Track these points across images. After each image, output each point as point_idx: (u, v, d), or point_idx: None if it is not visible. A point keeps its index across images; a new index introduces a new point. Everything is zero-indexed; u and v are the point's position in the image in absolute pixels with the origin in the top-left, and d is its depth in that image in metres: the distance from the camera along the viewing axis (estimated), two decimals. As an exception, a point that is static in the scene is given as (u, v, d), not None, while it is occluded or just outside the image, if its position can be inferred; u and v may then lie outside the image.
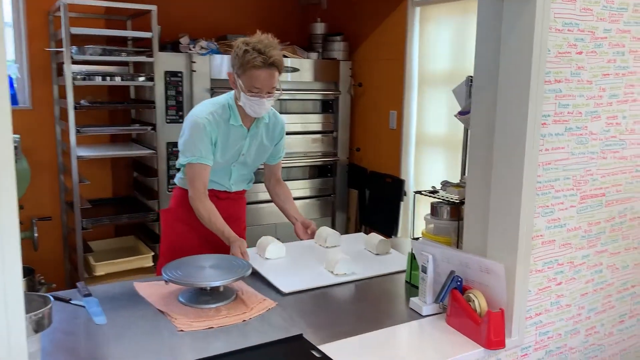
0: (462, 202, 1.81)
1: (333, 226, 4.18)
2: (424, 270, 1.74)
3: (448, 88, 3.40)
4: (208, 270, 1.82)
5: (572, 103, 1.58)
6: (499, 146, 1.58)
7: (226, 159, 2.20)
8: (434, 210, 1.91)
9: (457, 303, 1.63)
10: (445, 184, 1.99)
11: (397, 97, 3.74)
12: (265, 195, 3.86)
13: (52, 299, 1.40)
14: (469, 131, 2.46)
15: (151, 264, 3.37)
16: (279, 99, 3.88)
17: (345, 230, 4.22)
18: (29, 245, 3.38)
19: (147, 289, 1.90)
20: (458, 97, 2.39)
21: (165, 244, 2.34)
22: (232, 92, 2.19)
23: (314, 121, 4.05)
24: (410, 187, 3.72)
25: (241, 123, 2.17)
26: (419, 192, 1.95)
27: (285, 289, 1.85)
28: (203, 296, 1.79)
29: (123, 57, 3.36)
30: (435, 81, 3.52)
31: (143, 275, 3.36)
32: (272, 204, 3.90)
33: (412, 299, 1.78)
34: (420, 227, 2.02)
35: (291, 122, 3.92)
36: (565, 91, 1.56)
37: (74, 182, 3.12)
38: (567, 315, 1.73)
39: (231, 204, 2.32)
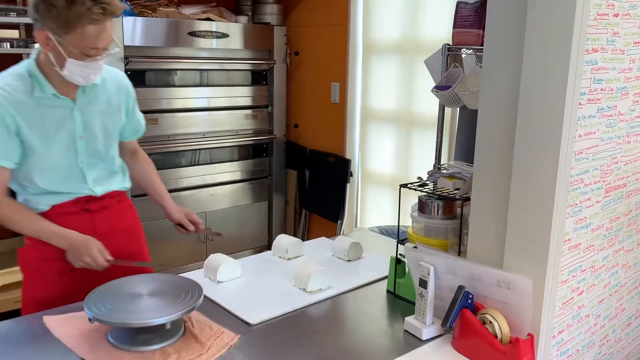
0: (465, 198, 1.49)
1: (270, 211, 3.80)
2: (423, 285, 1.42)
3: (397, 57, 3.09)
4: (146, 301, 1.39)
5: (606, 78, 1.29)
6: (525, 133, 1.26)
7: (59, 151, 1.58)
8: (424, 206, 1.59)
9: (471, 326, 1.32)
10: (434, 174, 1.66)
11: (340, 67, 3.37)
12: (188, 181, 3.43)
13: None
14: (445, 108, 2.15)
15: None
16: (201, 69, 3.40)
17: (284, 215, 3.85)
18: None
19: (62, 326, 1.43)
20: (432, 69, 2.06)
21: (28, 295, 1.71)
22: (32, 56, 1.57)
23: (245, 94, 3.59)
24: (356, 167, 3.40)
25: (54, 92, 1.54)
26: (405, 186, 1.61)
27: (252, 319, 1.46)
28: (142, 334, 1.36)
29: (12, 18, 2.72)
30: (382, 50, 3.18)
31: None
32: (199, 190, 3.48)
33: (407, 319, 1.46)
34: (402, 223, 1.69)
35: (217, 95, 3.45)
36: (600, 63, 1.26)
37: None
38: (586, 327, 1.49)
39: (109, 215, 1.72)
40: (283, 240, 1.91)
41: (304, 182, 3.72)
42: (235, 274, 1.72)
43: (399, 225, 1.65)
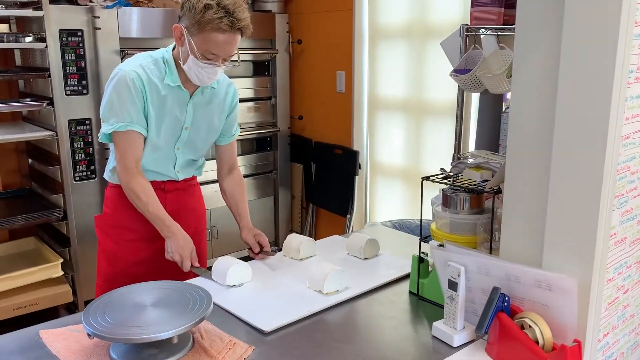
0: (496, 190, 1.36)
1: (276, 207, 3.67)
2: (453, 287, 1.30)
3: (406, 42, 2.95)
4: (150, 312, 1.26)
5: (654, 53, 1.16)
6: (566, 117, 1.13)
7: (165, 135, 1.71)
8: (448, 200, 1.46)
9: (509, 331, 1.20)
10: (458, 165, 1.53)
11: (345, 55, 3.23)
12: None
13: None
14: (465, 94, 2.02)
15: (60, 273, 2.70)
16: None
17: (291, 210, 3.72)
18: None
19: (59, 340, 1.31)
20: (449, 52, 1.94)
21: (102, 259, 1.83)
22: (170, 46, 1.73)
23: (247, 86, 3.46)
24: (365, 159, 3.27)
25: (180, 84, 1.69)
26: (428, 178, 1.48)
27: (266, 326, 1.34)
28: (147, 349, 1.24)
29: (1, 11, 2.59)
30: (389, 35, 3.04)
31: (51, 289, 2.70)
32: (202, 187, 3.36)
33: (435, 324, 1.34)
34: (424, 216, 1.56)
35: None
36: (648, 36, 1.13)
37: (-56, 179, 2.38)
38: (630, 327, 1.37)
39: (181, 195, 1.84)
40: (294, 240, 1.79)
41: (311, 176, 3.59)
42: (246, 277, 1.60)
43: (421, 222, 1.52)
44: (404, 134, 3.01)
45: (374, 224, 2.71)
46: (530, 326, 1.19)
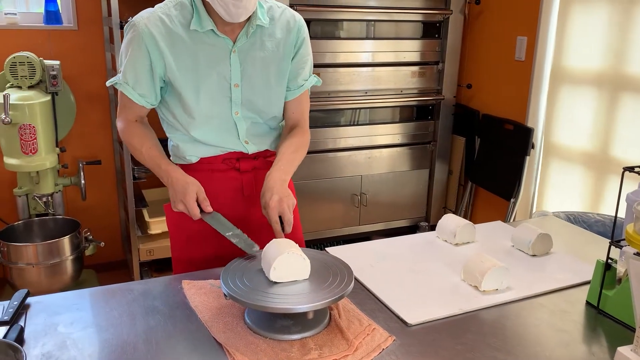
0: None
1: (430, 180, 3.46)
2: (653, 310, 1.02)
3: (607, 4, 2.50)
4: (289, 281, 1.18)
5: None
6: None
7: (209, 99, 1.39)
8: (656, 200, 1.17)
9: None
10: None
11: (530, 18, 2.86)
12: (346, 142, 3.19)
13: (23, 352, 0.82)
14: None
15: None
16: (365, 20, 3.11)
17: (446, 186, 3.49)
18: (76, 193, 2.90)
19: (199, 294, 1.30)
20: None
21: (174, 254, 1.57)
22: None
23: (413, 49, 3.24)
24: (539, 138, 2.91)
25: (213, 28, 1.35)
26: (632, 169, 1.19)
27: (411, 318, 1.20)
28: (281, 320, 1.17)
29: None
30: (586, -3, 2.61)
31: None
32: (356, 152, 3.25)
33: (620, 350, 1.08)
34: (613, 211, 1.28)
35: (383, 49, 3.14)
36: None
37: (123, 122, 2.55)
38: None
39: (261, 176, 1.43)
40: (451, 222, 1.60)
41: (473, 151, 3.31)
42: (300, 273, 1.18)
43: (615, 220, 1.24)
44: (593, 112, 2.59)
45: (544, 213, 2.38)
46: None
